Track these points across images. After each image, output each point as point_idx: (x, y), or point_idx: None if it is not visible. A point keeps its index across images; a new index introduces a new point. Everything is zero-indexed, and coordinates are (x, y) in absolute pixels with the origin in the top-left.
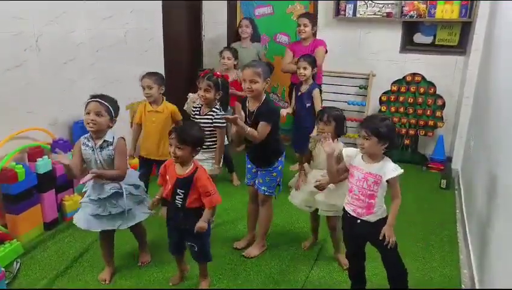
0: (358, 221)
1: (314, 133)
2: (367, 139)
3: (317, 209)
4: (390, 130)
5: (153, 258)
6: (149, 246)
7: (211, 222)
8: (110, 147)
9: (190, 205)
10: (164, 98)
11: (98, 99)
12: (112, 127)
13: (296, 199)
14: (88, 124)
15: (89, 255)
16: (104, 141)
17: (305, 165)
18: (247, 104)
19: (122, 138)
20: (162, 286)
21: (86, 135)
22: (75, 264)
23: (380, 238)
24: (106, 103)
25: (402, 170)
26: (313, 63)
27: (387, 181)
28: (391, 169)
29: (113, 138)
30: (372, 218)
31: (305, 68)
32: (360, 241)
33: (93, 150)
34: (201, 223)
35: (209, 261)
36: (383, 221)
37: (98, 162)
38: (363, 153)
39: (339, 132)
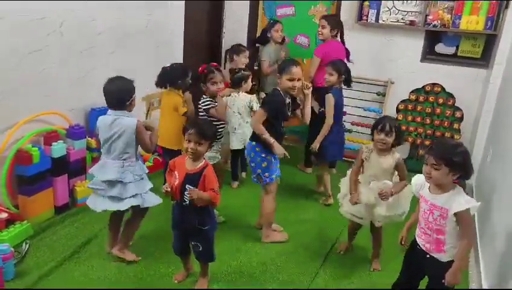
0: (428, 256)
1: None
2: (436, 169)
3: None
4: (465, 159)
5: (159, 252)
6: (154, 239)
7: (218, 221)
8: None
9: (198, 202)
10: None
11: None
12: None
13: (348, 210)
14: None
15: (97, 241)
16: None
17: (360, 176)
18: (285, 97)
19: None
20: (166, 280)
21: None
22: (82, 250)
23: (444, 282)
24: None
25: (476, 203)
26: (340, 71)
27: (455, 215)
28: (461, 202)
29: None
30: (443, 257)
31: (330, 74)
32: (421, 274)
33: None
34: (195, 191)
35: (213, 261)
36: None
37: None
38: (429, 183)
39: (397, 143)
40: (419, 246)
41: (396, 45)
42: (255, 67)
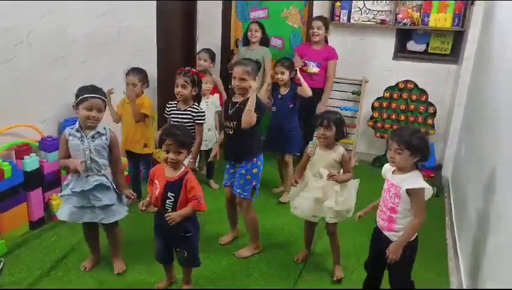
0: (383, 235)
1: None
2: (399, 153)
3: (313, 221)
4: (424, 143)
5: (142, 261)
6: (139, 246)
7: (200, 225)
8: (103, 137)
9: (181, 209)
10: (143, 92)
11: (100, 96)
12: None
13: (300, 209)
14: (89, 119)
15: (75, 255)
16: (97, 132)
17: (307, 171)
18: (233, 98)
19: (110, 129)
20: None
21: (71, 127)
22: (60, 264)
23: (387, 253)
24: (105, 99)
25: (428, 186)
26: (291, 67)
27: (408, 194)
28: (413, 181)
29: (104, 128)
30: (392, 237)
31: (282, 73)
32: (381, 254)
33: (81, 140)
34: (174, 214)
35: (198, 267)
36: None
37: (87, 151)
38: (393, 167)
39: (338, 137)
40: (377, 224)
41: (369, 44)
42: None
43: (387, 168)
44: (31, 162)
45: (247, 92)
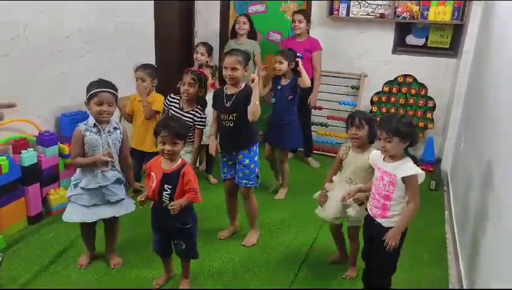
0: (375, 222)
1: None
2: (389, 141)
3: (336, 223)
4: (411, 128)
5: (142, 256)
6: (137, 243)
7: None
8: (118, 132)
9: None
10: (154, 89)
11: (111, 90)
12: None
13: (327, 212)
14: (101, 114)
15: (74, 250)
16: (113, 127)
17: (334, 176)
18: (224, 89)
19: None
20: (147, 285)
21: (84, 123)
22: (58, 259)
23: (384, 239)
24: (116, 93)
25: (421, 171)
26: (290, 57)
27: (403, 181)
28: (407, 168)
29: (116, 123)
30: (386, 223)
31: (280, 62)
32: (373, 241)
33: (99, 135)
34: (176, 203)
35: (196, 259)
36: None
37: (106, 146)
38: (385, 155)
39: (372, 137)
40: (369, 212)
41: (368, 38)
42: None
43: (376, 155)
44: (28, 157)
45: (239, 82)
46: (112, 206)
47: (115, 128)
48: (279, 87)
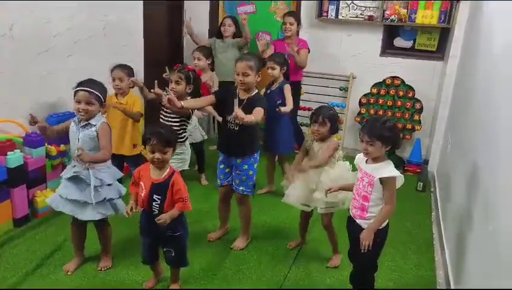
0: (355, 222)
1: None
2: (371, 144)
3: (306, 211)
4: (394, 132)
5: (130, 258)
6: (127, 245)
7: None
8: (92, 128)
9: (167, 211)
10: (131, 90)
11: (87, 89)
12: (101, 111)
13: (292, 197)
14: (79, 112)
15: (61, 253)
16: (89, 123)
17: (303, 162)
18: (237, 92)
19: (106, 122)
20: (136, 287)
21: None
22: (45, 263)
23: (360, 239)
24: (96, 92)
25: (400, 174)
26: (282, 62)
27: (381, 182)
28: (386, 170)
29: (102, 122)
30: (363, 224)
31: (273, 68)
32: (356, 242)
33: (77, 129)
34: (165, 216)
35: (186, 267)
36: (376, 232)
37: (77, 141)
38: (367, 158)
39: (332, 132)
40: (350, 212)
41: (357, 40)
42: None
43: (360, 157)
44: (14, 159)
45: (252, 88)
46: (91, 209)
47: (91, 125)
48: (268, 91)
